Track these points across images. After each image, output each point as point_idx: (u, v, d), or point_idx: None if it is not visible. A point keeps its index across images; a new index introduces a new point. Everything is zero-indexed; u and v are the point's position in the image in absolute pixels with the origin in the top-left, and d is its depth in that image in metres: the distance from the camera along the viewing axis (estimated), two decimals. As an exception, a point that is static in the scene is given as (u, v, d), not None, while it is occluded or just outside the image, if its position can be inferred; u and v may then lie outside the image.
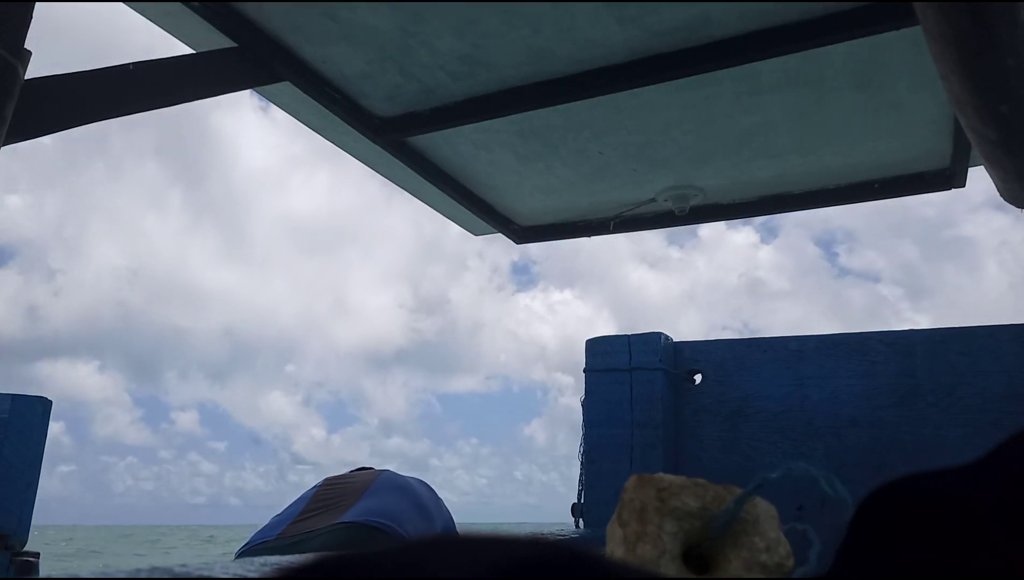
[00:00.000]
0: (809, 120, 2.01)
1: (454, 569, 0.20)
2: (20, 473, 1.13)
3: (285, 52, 1.75)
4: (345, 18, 1.63)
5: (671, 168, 2.32)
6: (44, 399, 1.17)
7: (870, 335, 0.82)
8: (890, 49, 1.68)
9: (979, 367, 0.77)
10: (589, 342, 0.93)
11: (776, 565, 0.44)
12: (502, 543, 0.21)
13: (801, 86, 1.84)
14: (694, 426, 0.87)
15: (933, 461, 0.74)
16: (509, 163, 2.31)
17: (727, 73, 1.75)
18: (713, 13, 1.58)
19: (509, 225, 2.78)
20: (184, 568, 0.34)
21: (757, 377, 0.85)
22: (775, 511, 0.47)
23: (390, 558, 0.20)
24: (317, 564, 0.21)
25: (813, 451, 0.80)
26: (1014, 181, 0.85)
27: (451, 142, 2.18)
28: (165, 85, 1.54)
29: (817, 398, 0.82)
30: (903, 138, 2.11)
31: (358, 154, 2.24)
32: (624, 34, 1.65)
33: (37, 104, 1.26)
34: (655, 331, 0.89)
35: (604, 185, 2.45)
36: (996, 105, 0.70)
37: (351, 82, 1.88)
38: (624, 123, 2.04)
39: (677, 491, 0.45)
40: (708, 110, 1.96)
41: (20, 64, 1.14)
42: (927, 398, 0.78)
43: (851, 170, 2.31)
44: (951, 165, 2.21)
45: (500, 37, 1.68)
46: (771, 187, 2.44)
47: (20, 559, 1.11)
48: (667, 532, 0.44)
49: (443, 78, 1.85)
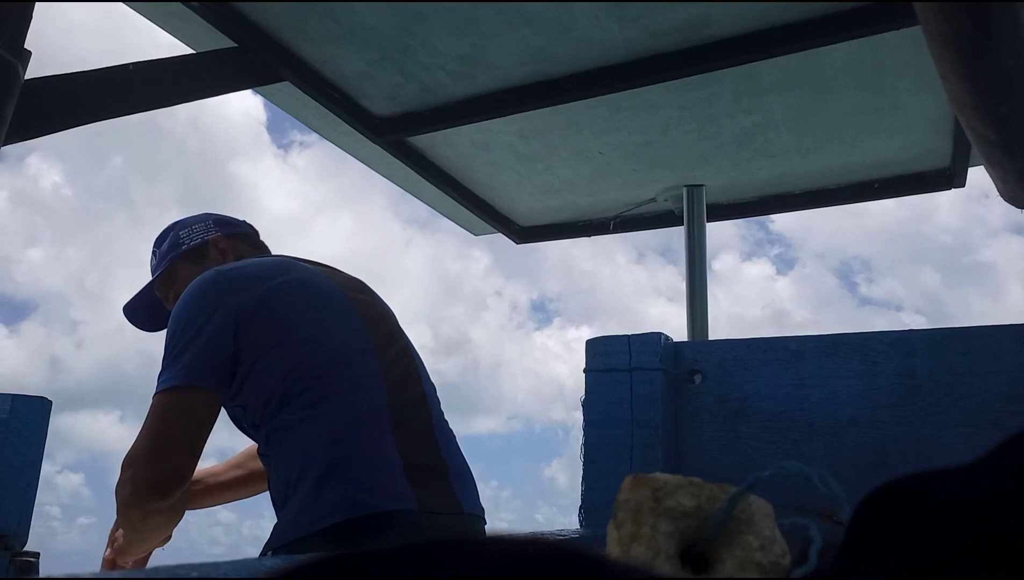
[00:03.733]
0: (809, 120, 2.01)
1: (454, 569, 0.20)
2: (20, 473, 1.14)
3: (285, 52, 1.75)
4: (345, 18, 1.63)
5: (671, 168, 2.32)
6: (44, 399, 1.17)
7: (870, 335, 0.82)
8: (890, 49, 1.68)
9: (979, 367, 0.77)
10: (589, 342, 0.93)
11: (771, 564, 0.44)
12: (502, 543, 0.21)
13: (801, 86, 1.84)
14: (694, 426, 0.87)
15: (933, 461, 0.74)
16: (509, 163, 2.31)
17: (727, 73, 1.75)
18: (713, 13, 1.58)
19: (509, 225, 2.79)
20: (184, 568, 0.34)
21: (757, 377, 0.85)
22: (771, 509, 0.47)
23: (390, 558, 0.20)
24: (317, 564, 0.21)
25: (813, 451, 0.80)
26: (1014, 181, 0.85)
27: (451, 142, 2.18)
28: (165, 85, 1.54)
29: (817, 398, 0.82)
30: (903, 138, 2.11)
31: (358, 154, 2.25)
32: (624, 34, 1.65)
33: (37, 104, 1.26)
34: (655, 331, 0.89)
35: (604, 185, 2.45)
36: (996, 105, 0.70)
37: (351, 82, 1.88)
38: (624, 123, 2.04)
39: (672, 491, 0.45)
40: (708, 110, 1.96)
41: (20, 64, 1.14)
42: (927, 398, 0.78)
43: (851, 170, 2.31)
44: (951, 165, 2.21)
45: (500, 37, 1.68)
46: (771, 187, 2.44)
47: (20, 559, 1.11)
48: (662, 532, 0.44)
49: (443, 78, 1.85)
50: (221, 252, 1.62)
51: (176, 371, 1.32)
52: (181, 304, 1.40)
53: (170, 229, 1.66)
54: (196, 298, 1.39)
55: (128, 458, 1.30)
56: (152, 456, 1.28)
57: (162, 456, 1.28)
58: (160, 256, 1.64)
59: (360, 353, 1.41)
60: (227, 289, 1.39)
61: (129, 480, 1.28)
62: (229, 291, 1.38)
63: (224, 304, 1.36)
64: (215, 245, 1.63)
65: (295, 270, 1.46)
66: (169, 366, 1.34)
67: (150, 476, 1.26)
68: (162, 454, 1.28)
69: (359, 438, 1.33)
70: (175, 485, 1.28)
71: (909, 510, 0.32)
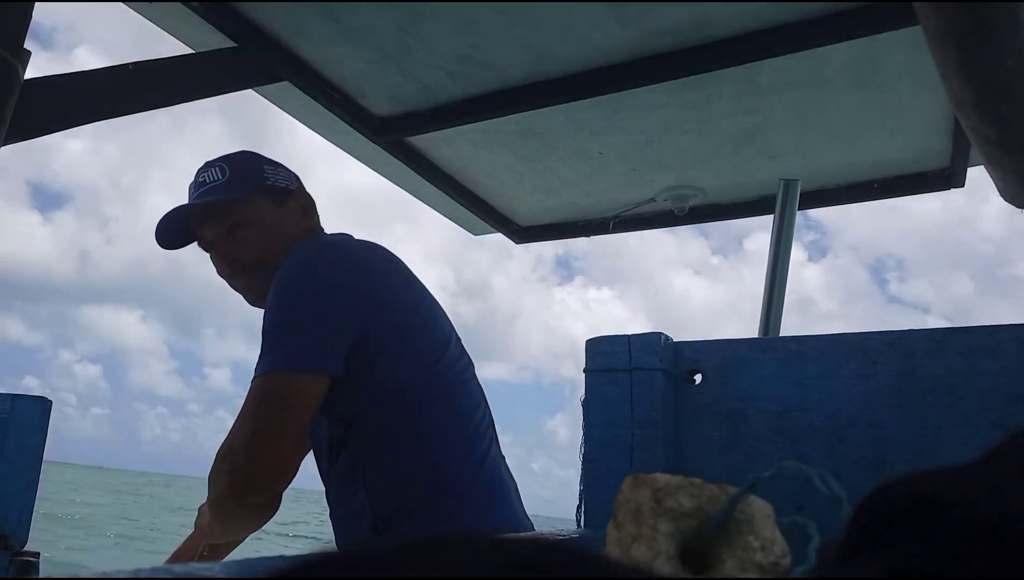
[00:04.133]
0: (809, 120, 2.01)
1: (453, 569, 0.20)
2: (20, 473, 1.13)
3: (285, 52, 1.75)
4: (345, 18, 1.63)
5: (671, 168, 2.32)
6: (44, 399, 1.17)
7: (870, 335, 0.81)
8: (890, 49, 1.68)
9: (979, 367, 0.76)
10: (589, 342, 0.93)
11: (771, 564, 0.44)
12: (502, 543, 0.21)
13: (801, 86, 1.84)
14: (694, 426, 0.87)
15: (933, 461, 0.74)
16: (509, 163, 2.31)
17: (727, 73, 1.75)
18: (713, 13, 1.58)
19: (509, 225, 2.79)
20: (184, 568, 0.34)
21: (757, 377, 0.85)
22: (771, 510, 0.47)
23: (389, 558, 0.20)
24: (317, 564, 0.21)
25: (813, 451, 0.80)
26: (1014, 181, 0.85)
27: (451, 142, 2.18)
28: (165, 85, 1.54)
29: (817, 398, 0.82)
30: (903, 138, 2.11)
31: (358, 154, 2.25)
32: (624, 34, 1.65)
33: (37, 104, 1.26)
34: (655, 331, 0.89)
35: (604, 185, 2.45)
36: (996, 105, 0.70)
37: (351, 82, 1.88)
38: (624, 123, 2.04)
39: (672, 491, 0.45)
40: (708, 110, 1.96)
41: (20, 64, 1.14)
42: (927, 398, 0.78)
43: (851, 170, 2.31)
44: (951, 165, 2.21)
45: (500, 37, 1.68)
46: (771, 187, 2.44)
47: (20, 559, 1.11)
48: (662, 533, 0.44)
49: (443, 78, 1.85)
50: (302, 209, 1.45)
51: (290, 351, 1.16)
52: (298, 275, 1.22)
53: (250, 157, 1.44)
54: (320, 273, 1.22)
55: (226, 447, 1.17)
56: (256, 447, 1.13)
57: (267, 448, 1.13)
58: (240, 178, 1.39)
59: (467, 359, 1.38)
60: (356, 268, 1.25)
61: (227, 472, 1.14)
62: (359, 271, 1.25)
63: (355, 285, 1.22)
64: (296, 198, 1.45)
65: (396, 258, 1.36)
66: (279, 346, 1.16)
67: (252, 469, 1.12)
68: (267, 445, 1.13)
69: (487, 456, 1.28)
70: (278, 480, 1.15)
71: (909, 510, 0.32)
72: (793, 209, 2.22)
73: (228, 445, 1.16)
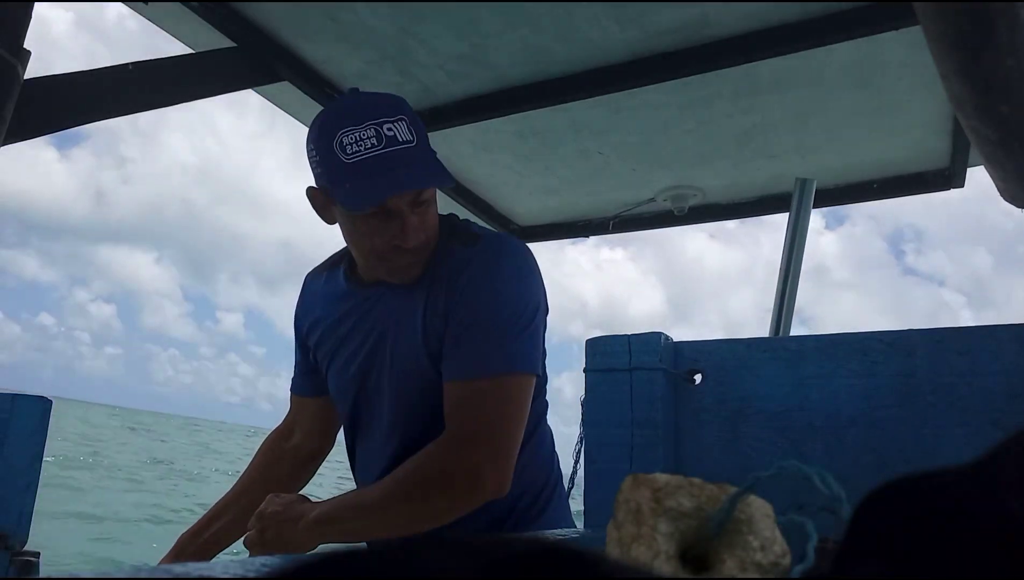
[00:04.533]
0: (809, 120, 2.01)
1: (453, 569, 0.20)
2: (20, 473, 1.13)
3: (285, 52, 1.75)
4: (345, 18, 1.63)
5: (671, 168, 2.32)
6: (44, 399, 1.17)
7: (870, 335, 0.82)
8: (890, 49, 1.68)
9: (979, 367, 0.76)
10: (589, 342, 0.93)
11: (771, 564, 0.44)
12: (502, 543, 0.21)
13: (801, 86, 1.84)
14: (694, 426, 0.87)
15: (933, 461, 0.74)
16: (509, 163, 2.32)
17: (727, 73, 1.75)
18: (713, 13, 1.58)
19: (508, 225, 2.79)
20: (184, 568, 0.34)
21: (757, 377, 0.85)
22: (771, 509, 0.47)
23: (389, 558, 0.20)
24: (317, 564, 0.21)
25: (813, 451, 0.80)
26: (1014, 181, 0.85)
27: (451, 142, 2.18)
28: (165, 85, 1.54)
29: (817, 398, 0.82)
30: (903, 138, 2.11)
31: (358, 154, 2.24)
32: (624, 34, 1.66)
33: (37, 104, 1.26)
34: (655, 331, 0.89)
35: (604, 185, 2.45)
36: (996, 105, 0.70)
37: (351, 82, 1.88)
38: (624, 123, 2.04)
39: (672, 491, 0.45)
40: (708, 110, 1.96)
41: (20, 64, 1.14)
42: (927, 398, 0.78)
43: (851, 170, 2.31)
44: (951, 165, 2.21)
45: (500, 37, 1.68)
46: (771, 187, 2.44)
47: (20, 559, 1.11)
48: (662, 533, 0.44)
49: (442, 78, 1.85)
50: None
51: (529, 354, 1.12)
52: (527, 275, 1.18)
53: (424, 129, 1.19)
54: (536, 275, 1.19)
55: (471, 435, 1.07)
56: (507, 447, 1.07)
57: (513, 449, 1.08)
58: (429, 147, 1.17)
59: None
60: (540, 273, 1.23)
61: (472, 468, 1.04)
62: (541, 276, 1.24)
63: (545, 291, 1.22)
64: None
65: None
66: (520, 342, 1.12)
67: (500, 466, 1.06)
68: (514, 447, 1.08)
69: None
70: (506, 486, 1.07)
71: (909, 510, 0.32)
72: (808, 209, 2.19)
73: (474, 436, 1.07)
